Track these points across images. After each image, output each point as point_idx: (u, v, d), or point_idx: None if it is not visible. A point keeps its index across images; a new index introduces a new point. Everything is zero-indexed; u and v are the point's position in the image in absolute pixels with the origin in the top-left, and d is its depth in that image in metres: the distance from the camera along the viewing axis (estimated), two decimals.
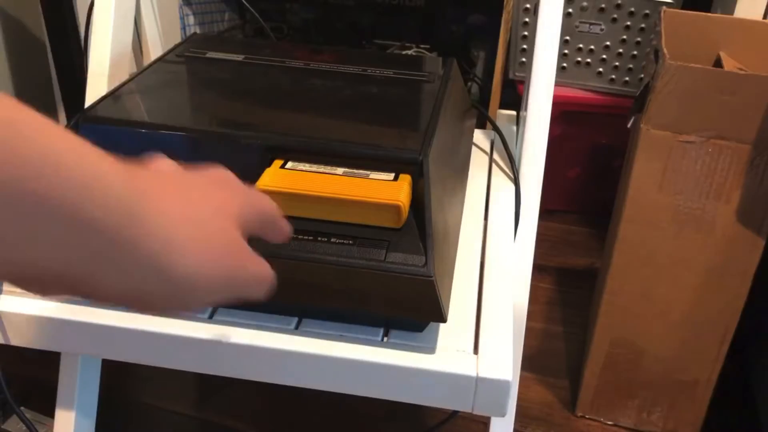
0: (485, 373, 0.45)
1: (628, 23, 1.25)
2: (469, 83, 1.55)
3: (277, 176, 0.46)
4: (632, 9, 1.23)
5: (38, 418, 0.94)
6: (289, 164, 0.47)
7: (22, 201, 0.19)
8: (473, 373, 0.45)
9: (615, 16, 1.25)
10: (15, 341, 0.50)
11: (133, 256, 0.23)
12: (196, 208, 0.27)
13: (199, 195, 0.28)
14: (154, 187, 0.25)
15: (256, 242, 0.31)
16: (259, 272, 0.30)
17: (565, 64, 1.29)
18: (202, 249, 0.25)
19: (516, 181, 0.64)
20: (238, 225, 0.29)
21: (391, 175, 0.45)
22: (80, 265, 0.22)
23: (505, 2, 1.26)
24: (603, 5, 1.24)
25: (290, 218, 0.35)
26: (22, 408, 0.95)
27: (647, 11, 1.23)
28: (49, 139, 0.21)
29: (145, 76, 0.58)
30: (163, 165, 0.28)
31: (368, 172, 0.45)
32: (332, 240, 0.44)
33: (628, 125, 0.89)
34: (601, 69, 1.30)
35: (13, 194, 0.19)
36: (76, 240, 0.21)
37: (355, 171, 0.45)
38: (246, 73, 0.59)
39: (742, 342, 0.93)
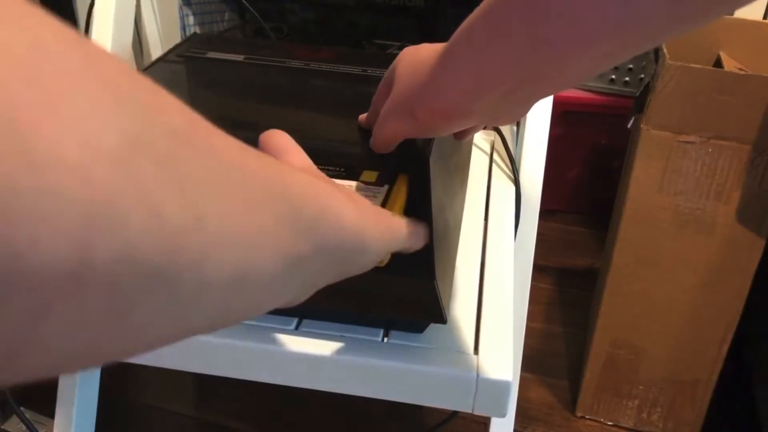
0: (485, 373, 0.45)
1: None
2: None
3: None
4: None
5: (38, 418, 0.94)
6: None
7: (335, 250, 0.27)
8: (473, 374, 0.45)
9: None
10: None
11: (360, 255, 0.30)
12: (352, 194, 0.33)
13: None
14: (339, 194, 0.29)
15: None
16: (403, 226, 0.36)
17: None
18: (373, 223, 0.30)
19: (516, 182, 0.64)
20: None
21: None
22: (335, 275, 0.29)
23: None
24: None
25: None
26: (22, 408, 0.95)
27: None
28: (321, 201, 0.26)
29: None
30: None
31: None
32: None
33: (628, 125, 0.89)
34: None
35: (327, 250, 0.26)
36: (339, 257, 0.28)
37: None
38: (246, 74, 0.59)
39: (742, 342, 0.93)
